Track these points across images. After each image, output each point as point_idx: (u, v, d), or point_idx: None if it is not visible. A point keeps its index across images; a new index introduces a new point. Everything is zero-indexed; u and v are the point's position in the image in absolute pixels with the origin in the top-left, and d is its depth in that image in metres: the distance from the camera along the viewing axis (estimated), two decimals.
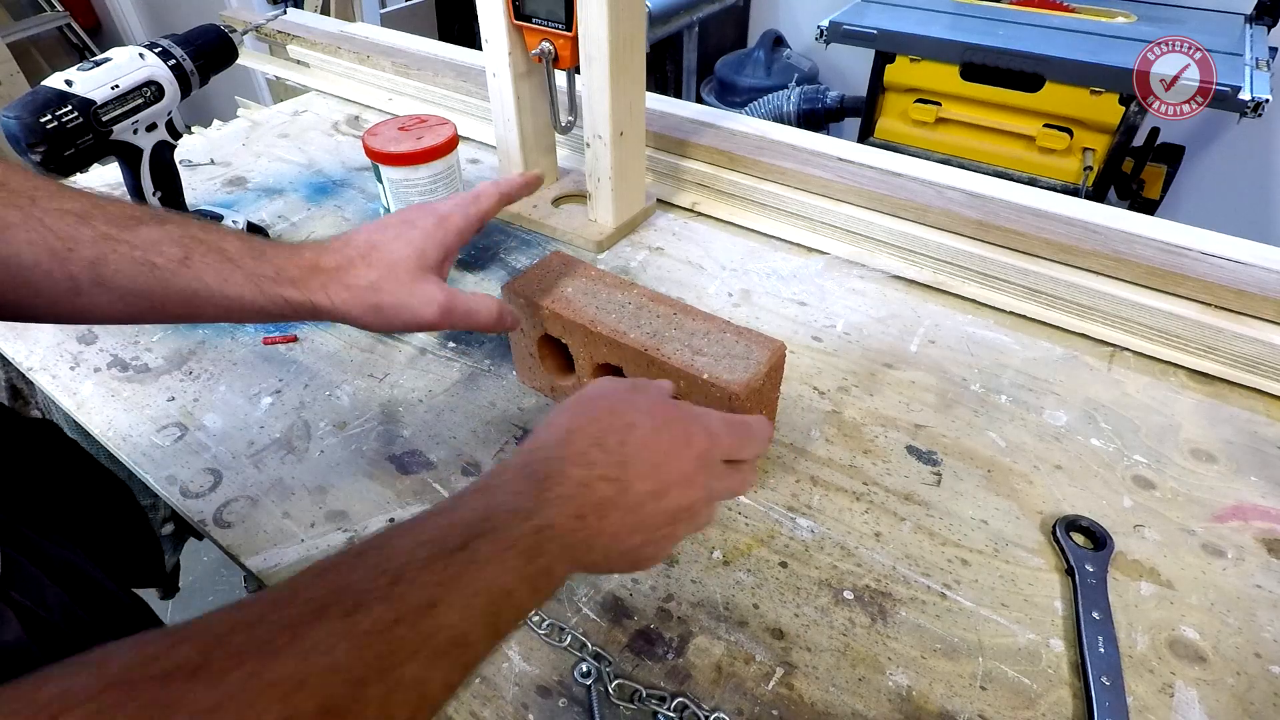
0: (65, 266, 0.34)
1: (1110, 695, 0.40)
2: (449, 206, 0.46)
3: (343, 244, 0.42)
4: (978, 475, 0.54)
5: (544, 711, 0.41)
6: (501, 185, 0.49)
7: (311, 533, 0.50)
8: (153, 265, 0.36)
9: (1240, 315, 0.62)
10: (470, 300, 0.45)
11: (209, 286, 0.38)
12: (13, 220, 0.33)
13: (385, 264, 0.42)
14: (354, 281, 0.41)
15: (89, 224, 0.35)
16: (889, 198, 0.73)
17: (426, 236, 0.43)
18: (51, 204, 0.34)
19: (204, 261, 0.37)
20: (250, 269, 0.39)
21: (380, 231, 0.43)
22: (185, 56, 0.65)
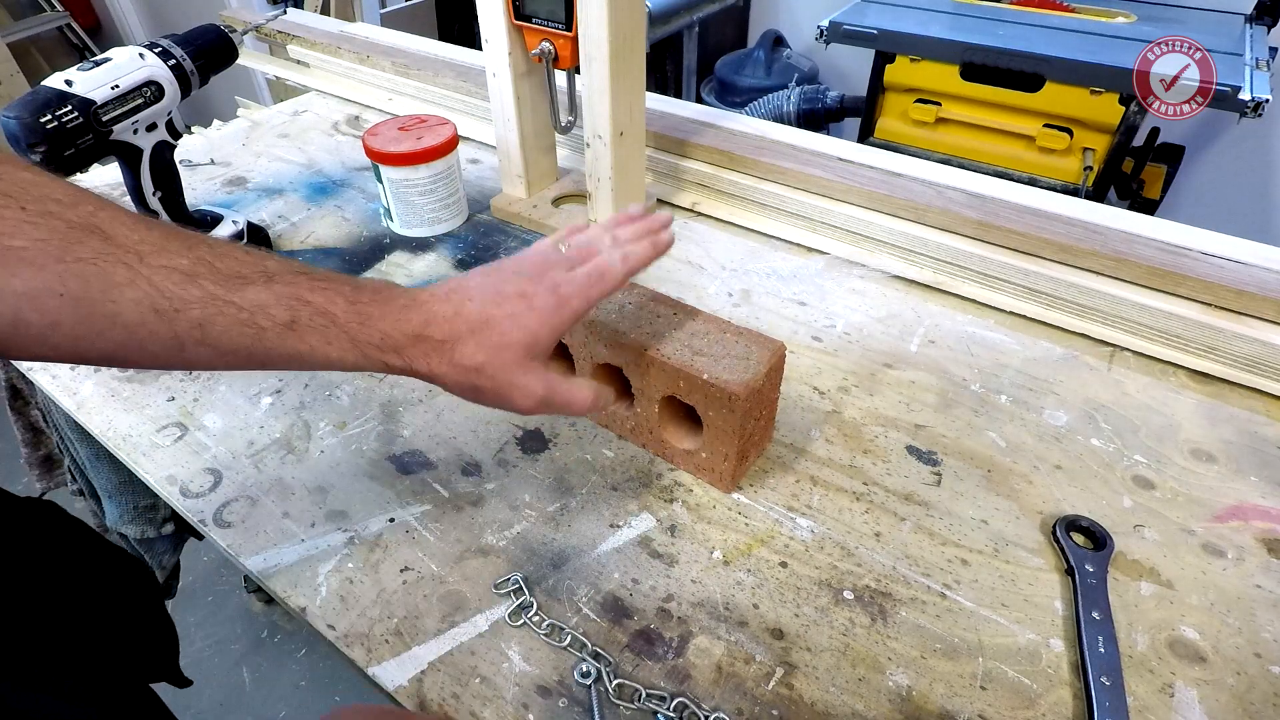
0: (171, 326, 0.34)
1: (1110, 695, 0.40)
2: (572, 287, 0.43)
3: (453, 313, 0.40)
4: (978, 475, 0.54)
5: (544, 711, 0.41)
6: (630, 260, 0.45)
7: (311, 533, 0.50)
8: (259, 329, 0.35)
9: (1240, 315, 0.62)
10: (567, 392, 0.43)
11: (312, 349, 0.37)
12: (120, 279, 0.32)
13: (494, 346, 0.40)
14: (459, 360, 0.40)
15: (197, 283, 0.34)
16: (889, 198, 0.73)
17: (542, 323, 0.41)
18: (159, 260, 0.33)
19: (309, 325, 0.37)
20: (355, 334, 0.38)
21: (496, 304, 0.41)
22: (185, 56, 0.65)
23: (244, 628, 1.38)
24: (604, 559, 0.48)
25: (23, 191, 0.31)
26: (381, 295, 0.39)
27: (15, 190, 0.31)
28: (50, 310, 0.31)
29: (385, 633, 0.44)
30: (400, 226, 0.80)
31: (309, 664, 1.32)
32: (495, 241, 0.80)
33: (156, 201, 0.68)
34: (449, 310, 0.40)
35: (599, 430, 0.57)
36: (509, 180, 0.83)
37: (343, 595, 0.46)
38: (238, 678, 1.31)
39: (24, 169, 0.32)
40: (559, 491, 0.53)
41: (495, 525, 0.51)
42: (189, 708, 1.24)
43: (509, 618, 0.45)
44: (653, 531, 0.50)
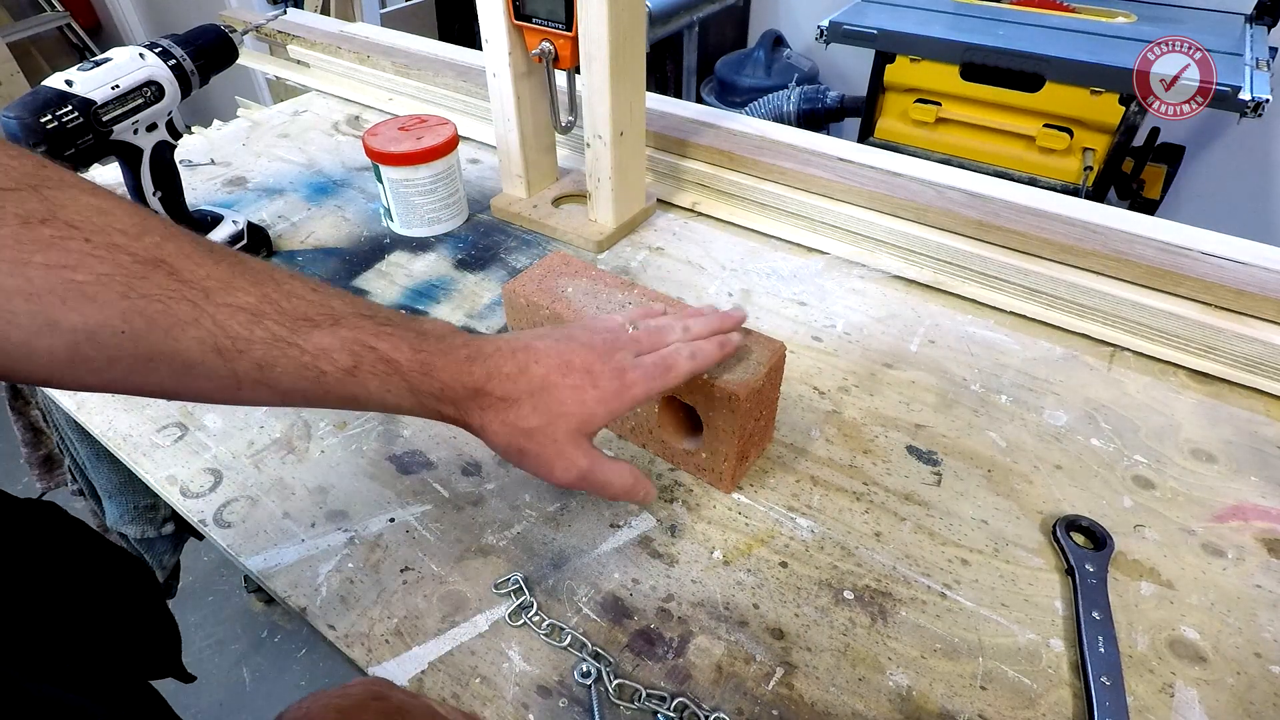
0: (231, 365, 0.33)
1: (1110, 695, 0.40)
2: (638, 374, 0.42)
3: (518, 370, 0.40)
4: (978, 475, 0.54)
5: (544, 711, 0.41)
6: (698, 360, 0.45)
7: (311, 533, 0.50)
8: (320, 372, 0.35)
9: (1240, 315, 0.62)
10: (609, 472, 0.43)
11: (370, 395, 0.37)
12: (184, 316, 0.31)
13: (549, 415, 0.40)
14: (513, 420, 0.39)
15: (262, 324, 0.33)
16: (889, 198, 0.73)
17: (601, 403, 0.41)
18: (225, 298, 0.33)
19: (371, 372, 0.36)
20: (415, 383, 0.37)
21: (560, 373, 0.40)
22: (185, 56, 0.65)
23: (244, 628, 1.38)
24: (604, 559, 0.48)
25: (87, 221, 0.30)
26: (444, 344, 0.39)
27: (80, 220, 0.30)
28: (110, 347, 0.30)
29: (385, 633, 0.44)
30: (400, 226, 0.80)
31: (309, 664, 1.33)
32: (495, 241, 0.80)
33: (156, 201, 0.68)
34: (513, 368, 0.40)
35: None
36: (509, 180, 0.83)
37: (343, 595, 0.46)
38: (238, 678, 1.31)
39: (89, 193, 0.31)
40: (559, 491, 0.53)
41: (495, 525, 0.51)
42: (189, 707, 1.24)
43: (509, 618, 0.45)
44: (653, 531, 0.50)
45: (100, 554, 0.51)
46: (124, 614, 0.51)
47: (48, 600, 0.44)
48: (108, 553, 0.52)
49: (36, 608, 0.42)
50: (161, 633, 0.55)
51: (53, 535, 0.48)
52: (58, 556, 0.47)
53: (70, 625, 0.44)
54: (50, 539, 0.47)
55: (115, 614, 0.50)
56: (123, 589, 0.52)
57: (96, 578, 0.50)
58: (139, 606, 0.54)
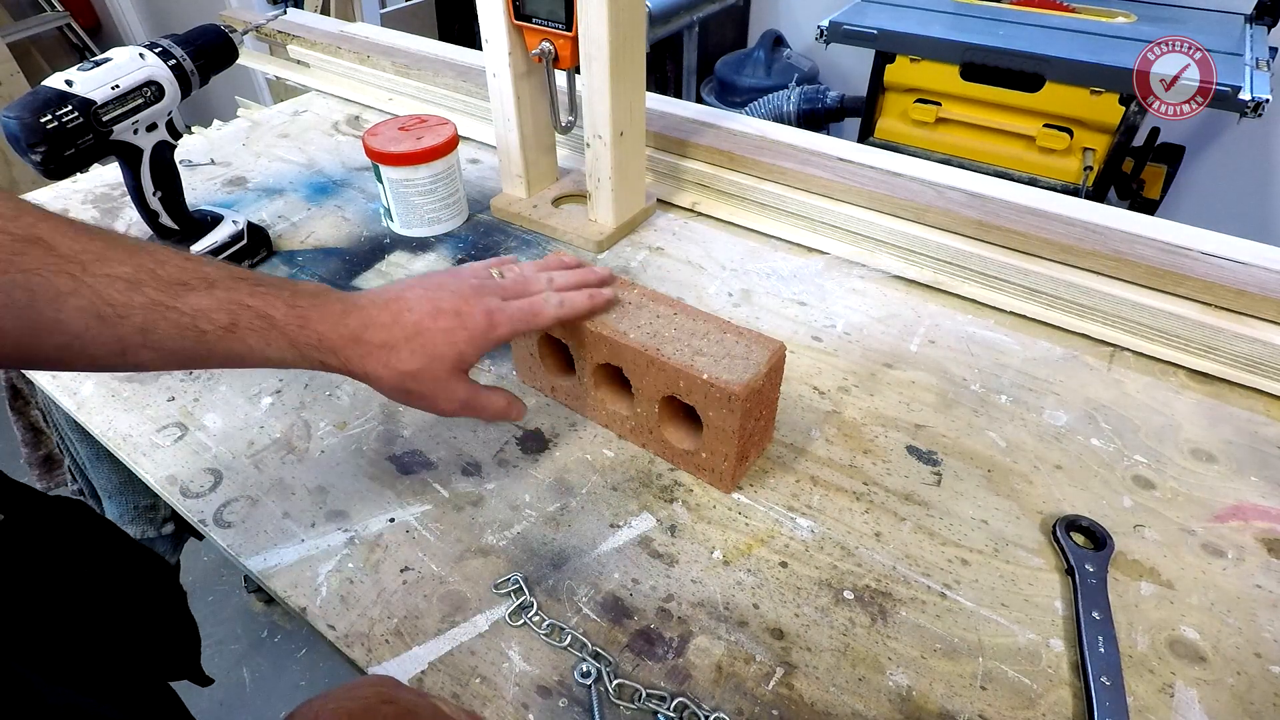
0: (114, 331, 0.35)
1: (1110, 695, 0.40)
2: (504, 315, 0.46)
3: (391, 319, 0.43)
4: (978, 475, 0.54)
5: (544, 711, 0.41)
6: (565, 308, 0.49)
7: (311, 533, 0.50)
8: (200, 331, 0.37)
9: (1240, 315, 0.62)
10: (484, 400, 0.47)
11: (252, 350, 0.39)
12: (64, 288, 0.34)
13: (426, 356, 0.43)
14: (394, 364, 0.42)
15: (140, 290, 0.36)
16: (889, 198, 0.73)
17: (471, 342, 0.44)
18: (102, 269, 0.35)
19: (249, 327, 0.39)
20: (293, 336, 0.40)
21: (431, 318, 0.44)
22: (185, 56, 0.65)
23: (244, 628, 1.38)
24: (604, 559, 0.48)
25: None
26: (319, 300, 0.42)
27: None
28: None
29: (385, 633, 0.44)
30: (400, 226, 0.80)
31: (309, 664, 1.33)
32: (495, 241, 0.80)
33: (156, 201, 0.68)
34: (387, 317, 0.43)
35: (599, 430, 0.58)
36: (509, 180, 0.83)
37: (343, 595, 0.46)
38: (238, 678, 1.31)
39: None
40: (559, 491, 0.53)
41: (495, 525, 0.51)
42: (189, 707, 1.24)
43: (509, 618, 0.45)
44: (653, 531, 0.50)
45: (126, 553, 0.52)
46: (147, 614, 0.52)
47: (73, 599, 0.44)
48: (134, 552, 0.53)
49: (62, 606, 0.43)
50: (182, 634, 0.55)
51: (80, 533, 0.48)
52: (85, 555, 0.48)
53: (94, 624, 0.44)
54: (78, 537, 0.48)
55: (139, 614, 0.51)
56: (147, 589, 0.53)
57: (122, 577, 0.51)
58: (162, 607, 0.54)
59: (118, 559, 0.51)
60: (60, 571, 0.44)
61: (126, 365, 0.37)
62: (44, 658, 0.38)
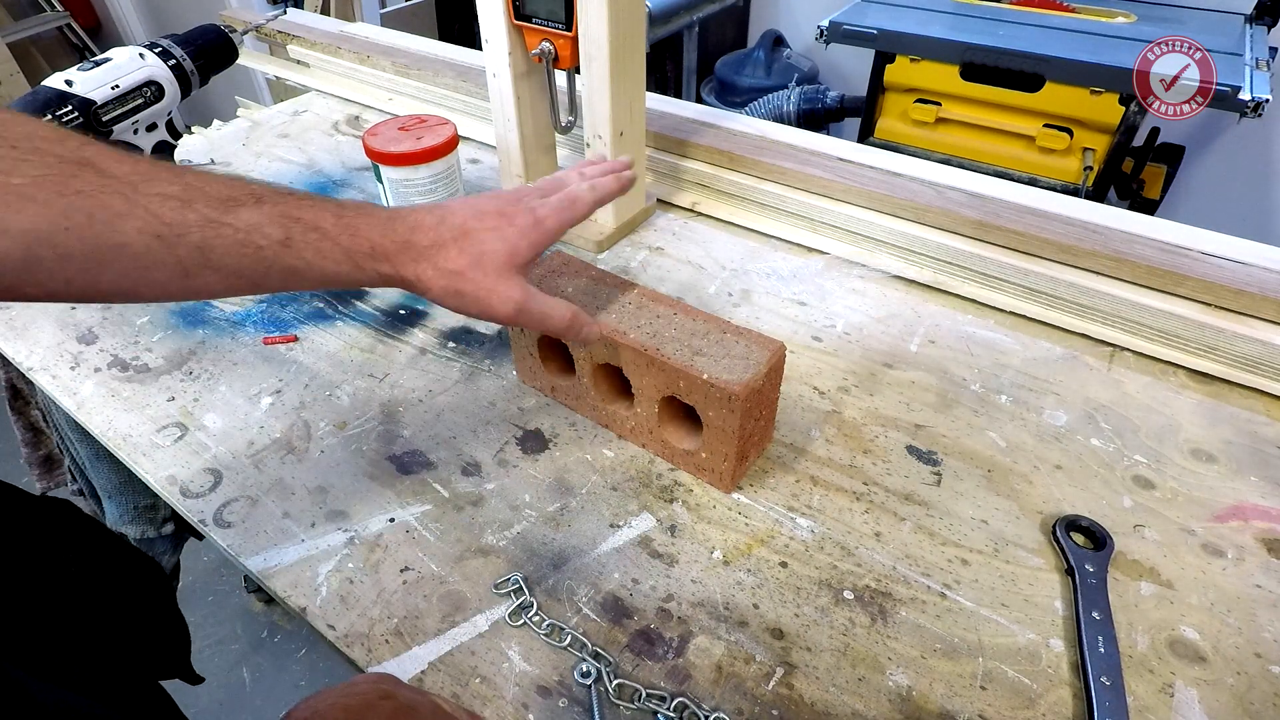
0: (174, 251, 0.35)
1: (1110, 695, 0.40)
2: (547, 208, 0.46)
3: (437, 221, 0.43)
4: (978, 475, 0.54)
5: (544, 711, 0.41)
6: (598, 189, 0.49)
7: (311, 533, 0.50)
8: (257, 247, 0.37)
9: (1240, 315, 0.62)
10: (546, 304, 0.46)
11: (309, 264, 0.39)
12: (119, 209, 0.33)
13: (475, 254, 0.43)
14: (444, 264, 0.42)
15: (192, 208, 0.35)
16: (889, 198, 0.73)
17: (521, 235, 0.44)
18: (152, 189, 0.35)
19: (304, 240, 0.39)
20: (346, 244, 0.40)
21: (477, 219, 0.44)
22: (185, 56, 0.65)
23: (244, 628, 1.38)
24: (604, 559, 0.48)
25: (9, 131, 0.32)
26: (365, 210, 0.42)
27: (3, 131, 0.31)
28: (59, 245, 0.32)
29: (385, 633, 0.44)
30: None
31: (309, 664, 1.33)
32: None
33: None
34: (433, 220, 0.43)
35: (599, 430, 0.58)
36: (509, 180, 0.83)
37: (343, 595, 0.46)
38: (238, 678, 1.31)
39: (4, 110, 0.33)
40: (559, 491, 0.53)
41: (495, 525, 0.51)
42: (189, 707, 1.23)
43: (509, 618, 0.45)
44: (653, 531, 0.50)
45: (114, 552, 0.52)
46: (136, 613, 0.51)
47: (60, 598, 0.44)
48: (121, 551, 0.53)
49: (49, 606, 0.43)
50: (172, 633, 0.55)
51: (67, 533, 0.48)
52: (71, 554, 0.47)
53: (82, 624, 0.44)
54: (64, 537, 0.48)
55: (127, 613, 0.50)
56: (135, 588, 0.53)
57: (109, 576, 0.50)
58: (151, 606, 0.54)
59: (104, 558, 0.51)
60: (46, 571, 0.44)
61: (193, 290, 0.37)
62: (31, 657, 0.38)
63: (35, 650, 0.38)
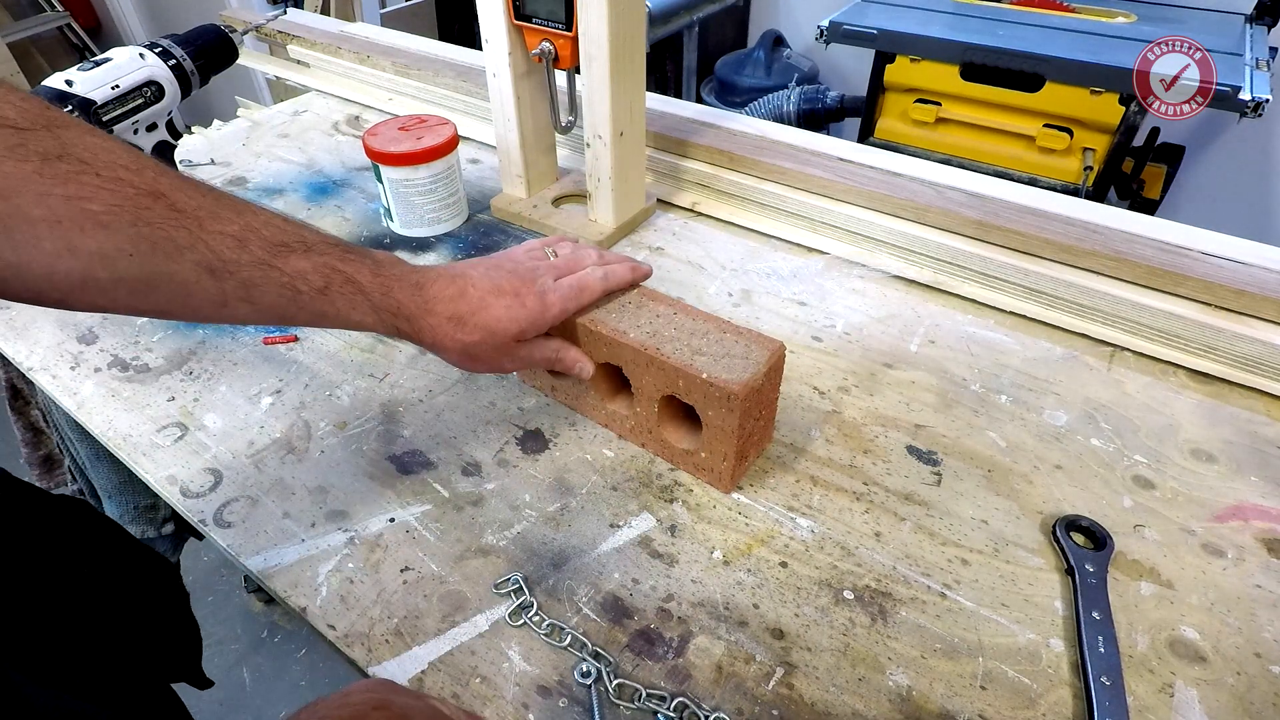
0: (220, 285, 0.38)
1: (1110, 695, 0.40)
2: (557, 295, 0.50)
3: (458, 294, 0.47)
4: (978, 475, 0.54)
5: (544, 711, 0.41)
6: (609, 281, 0.53)
7: (311, 533, 0.50)
8: (297, 292, 0.41)
9: (1240, 315, 0.62)
10: (535, 354, 0.51)
11: (339, 312, 0.43)
12: (182, 242, 0.36)
13: (488, 330, 0.47)
14: (460, 337, 0.47)
15: (247, 249, 0.39)
16: (889, 198, 0.73)
17: (529, 320, 0.48)
18: (215, 226, 0.38)
19: (340, 292, 0.42)
20: (376, 301, 0.44)
21: (494, 295, 0.48)
22: (185, 56, 0.65)
23: (244, 628, 1.38)
24: (604, 559, 0.48)
25: (95, 158, 0.34)
26: (398, 270, 0.46)
27: (89, 156, 0.34)
28: (118, 269, 0.34)
29: (385, 633, 0.44)
30: (400, 226, 0.80)
31: (309, 664, 1.32)
32: (495, 241, 0.80)
33: None
34: (454, 291, 0.47)
35: (599, 430, 0.58)
36: (509, 180, 0.83)
37: (343, 595, 0.46)
38: (238, 678, 1.31)
39: (89, 133, 0.35)
40: (559, 491, 0.53)
41: (495, 525, 0.51)
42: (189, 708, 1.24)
43: (509, 618, 0.45)
44: (653, 531, 0.50)
45: (128, 553, 0.52)
46: (148, 614, 0.52)
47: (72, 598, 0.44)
48: (136, 553, 0.53)
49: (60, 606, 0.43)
50: (184, 636, 0.55)
51: (81, 533, 0.49)
52: (85, 554, 0.48)
53: (93, 624, 0.44)
54: (78, 536, 0.48)
55: (139, 614, 0.50)
56: (148, 589, 0.53)
57: (123, 577, 0.51)
58: (164, 608, 0.54)
59: (119, 559, 0.51)
60: (60, 571, 0.44)
61: (222, 317, 0.40)
62: (40, 659, 0.38)
63: (41, 651, 0.39)
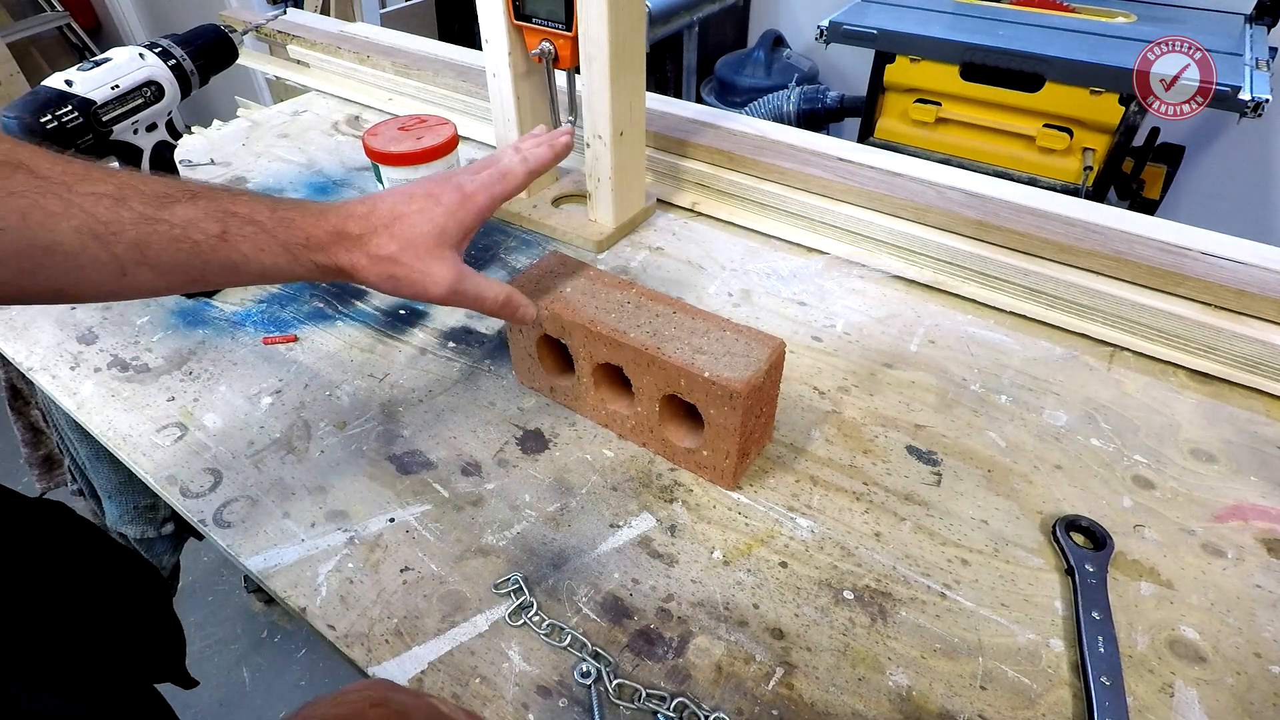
0: (110, 249, 0.35)
1: (1110, 695, 0.40)
2: (475, 184, 0.47)
3: (368, 210, 0.44)
4: (978, 475, 0.54)
5: (544, 711, 0.41)
6: (530, 161, 0.50)
7: (311, 533, 0.50)
8: (194, 243, 0.38)
9: (1240, 315, 0.62)
10: (480, 284, 0.47)
11: (246, 257, 0.40)
12: (54, 209, 0.34)
13: (405, 237, 0.43)
14: (375, 251, 0.43)
15: (127, 205, 0.36)
16: (889, 198, 0.73)
17: (449, 215, 0.45)
18: (87, 188, 0.35)
19: (240, 234, 0.39)
20: (282, 237, 0.41)
21: (406, 203, 0.45)
22: (185, 56, 0.65)
23: (244, 628, 1.38)
24: (604, 559, 0.48)
25: None
26: (300, 204, 0.43)
27: None
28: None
29: (385, 633, 0.44)
30: None
31: (309, 664, 1.33)
32: (495, 241, 0.80)
33: None
34: (363, 210, 0.44)
35: (599, 430, 0.58)
36: None
37: (343, 595, 0.46)
38: (238, 678, 1.31)
39: None
40: (559, 491, 0.53)
41: (495, 525, 0.51)
42: (189, 707, 1.24)
43: (509, 618, 0.45)
44: (653, 531, 0.50)
45: (107, 555, 0.52)
46: (129, 615, 0.51)
47: (53, 601, 0.44)
48: (115, 553, 0.52)
49: (41, 608, 0.42)
50: (166, 636, 0.55)
51: (60, 535, 0.48)
52: (65, 556, 0.47)
53: (75, 626, 0.44)
54: (58, 539, 0.48)
55: (120, 615, 0.50)
56: (129, 590, 0.52)
57: (103, 578, 0.50)
58: (145, 608, 0.54)
59: (98, 560, 0.51)
60: (38, 573, 0.44)
61: (127, 288, 0.37)
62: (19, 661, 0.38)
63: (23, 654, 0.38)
